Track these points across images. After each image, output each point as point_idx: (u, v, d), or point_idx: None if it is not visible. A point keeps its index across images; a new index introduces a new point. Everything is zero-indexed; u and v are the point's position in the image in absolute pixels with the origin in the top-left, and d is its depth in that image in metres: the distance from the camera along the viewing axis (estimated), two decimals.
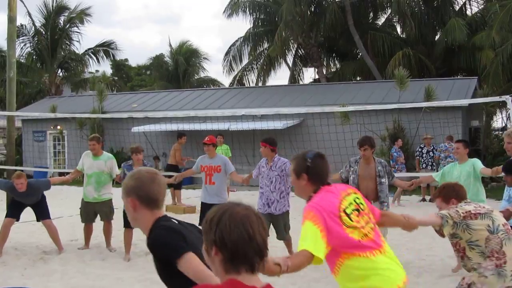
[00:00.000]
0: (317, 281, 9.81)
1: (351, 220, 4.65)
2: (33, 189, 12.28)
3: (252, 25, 45.73)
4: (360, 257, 4.60)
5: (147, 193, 4.11)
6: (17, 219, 12.28)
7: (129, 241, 12.13)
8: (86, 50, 47.80)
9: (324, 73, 44.28)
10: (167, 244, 3.99)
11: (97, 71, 55.84)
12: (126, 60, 69.94)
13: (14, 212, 12.23)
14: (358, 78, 43.37)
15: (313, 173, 4.93)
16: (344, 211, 4.67)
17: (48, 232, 12.29)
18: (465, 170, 9.97)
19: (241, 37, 46.43)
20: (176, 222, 4.25)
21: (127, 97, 35.73)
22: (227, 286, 2.85)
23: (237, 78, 46.60)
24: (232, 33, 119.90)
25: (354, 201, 4.86)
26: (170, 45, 55.04)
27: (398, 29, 43.02)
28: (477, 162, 10.07)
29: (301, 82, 45.98)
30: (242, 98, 31.65)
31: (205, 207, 11.83)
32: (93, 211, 12.90)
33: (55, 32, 44.50)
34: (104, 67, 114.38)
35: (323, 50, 44.57)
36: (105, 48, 48.07)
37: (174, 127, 26.83)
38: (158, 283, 9.56)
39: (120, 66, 67.25)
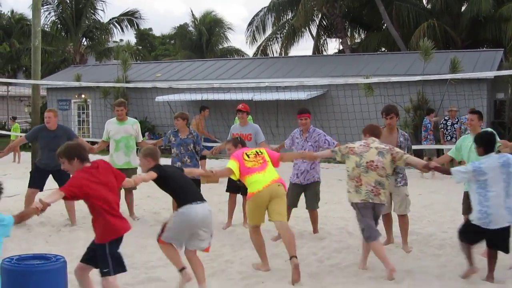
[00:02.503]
0: (339, 252, 9.84)
1: (248, 157, 8.88)
2: (62, 131, 12.32)
3: None
4: (248, 175, 8.74)
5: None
6: (41, 189, 12.22)
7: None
8: (110, 19, 47.91)
9: (349, 44, 44.01)
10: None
11: (121, 40, 56.04)
12: (150, 29, 70.02)
13: (37, 182, 12.22)
14: (382, 49, 43.11)
15: (242, 143, 9.46)
16: (245, 153, 8.94)
17: (65, 203, 11.95)
18: None
19: (265, 7, 46.23)
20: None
21: (151, 67, 35.77)
22: None
23: (260, 48, 46.45)
24: (257, 3, 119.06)
25: (255, 151, 9.07)
26: (193, 15, 54.89)
27: (424, 0, 42.61)
28: None
29: (325, 53, 45.76)
30: (266, 68, 31.59)
31: None
32: None
33: (79, 1, 44.55)
34: (128, 36, 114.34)
35: (347, 20, 44.26)
36: (129, 17, 48.17)
37: (198, 97, 26.84)
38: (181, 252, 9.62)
39: (144, 36, 67.30)
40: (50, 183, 12.14)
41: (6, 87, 48.61)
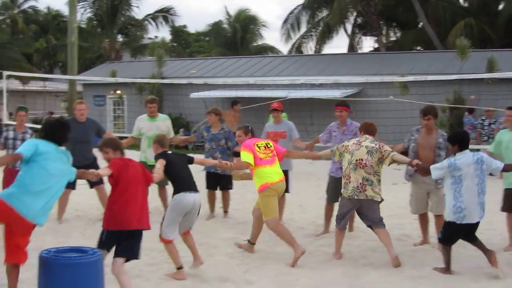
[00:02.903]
0: (374, 250, 9.80)
1: (259, 149, 9.32)
2: (91, 123, 12.42)
3: None
4: (261, 166, 9.22)
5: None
6: (73, 188, 12.25)
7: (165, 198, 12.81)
8: (145, 16, 48.20)
9: (384, 42, 43.81)
10: None
11: (156, 37, 56.29)
12: (185, 26, 70.20)
13: (69, 183, 12.27)
14: (418, 48, 42.84)
15: (252, 132, 9.74)
16: (256, 145, 9.36)
17: (99, 197, 12.11)
18: None
19: (299, 5, 46.19)
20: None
21: (186, 63, 35.89)
22: None
23: (295, 45, 46.41)
24: (292, 0, 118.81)
25: (265, 143, 9.56)
26: (228, 13, 54.99)
27: None
28: None
29: (359, 51, 45.60)
30: (300, 66, 31.54)
31: None
32: None
33: None
34: (163, 33, 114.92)
35: (382, 18, 44.02)
36: (164, 14, 48.44)
37: (232, 93, 26.85)
38: (215, 247, 9.67)
39: (178, 32, 67.52)
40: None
41: (43, 82, 49.10)
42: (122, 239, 7.23)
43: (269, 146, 9.51)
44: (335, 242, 9.53)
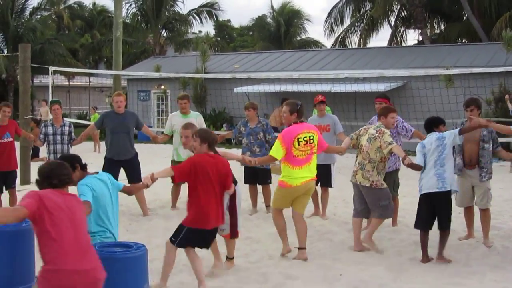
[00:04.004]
0: (417, 245, 9.73)
1: (298, 145, 8.77)
2: (130, 115, 12.62)
3: None
4: (292, 165, 8.81)
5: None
6: None
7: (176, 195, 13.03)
8: (189, 11, 48.45)
9: (428, 34, 43.39)
10: None
11: (200, 31, 56.50)
12: (229, 20, 70.43)
13: None
14: (463, 40, 42.37)
15: (300, 112, 8.98)
16: (297, 139, 8.76)
17: (136, 196, 12.10)
18: None
19: None
20: None
21: (229, 58, 35.97)
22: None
23: (339, 39, 46.23)
24: None
25: (309, 136, 8.88)
26: (272, 7, 54.99)
27: None
28: None
29: (403, 44, 45.26)
30: (344, 60, 31.42)
31: None
32: None
33: None
34: (207, 28, 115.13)
35: (427, 11, 43.58)
36: (208, 9, 48.58)
37: (276, 88, 26.85)
38: (259, 242, 9.69)
39: (222, 27, 67.71)
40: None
41: (87, 78, 49.61)
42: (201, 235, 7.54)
43: (311, 141, 8.95)
44: (354, 233, 9.70)
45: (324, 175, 11.51)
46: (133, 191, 8.27)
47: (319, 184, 11.35)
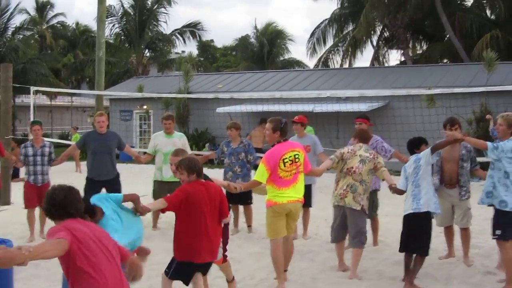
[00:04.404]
0: (399, 264, 9.75)
1: (284, 166, 8.40)
2: (112, 135, 12.59)
3: (339, 6, 45.57)
4: (277, 186, 8.42)
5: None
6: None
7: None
8: (173, 31, 48.50)
9: (410, 55, 43.70)
10: None
11: (183, 51, 56.56)
12: (212, 41, 70.55)
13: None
14: (445, 60, 42.68)
15: (283, 130, 8.58)
16: (283, 160, 8.38)
17: None
18: None
19: (326, 19, 46.29)
20: None
21: (212, 78, 36.00)
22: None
23: (321, 59, 46.45)
24: (320, 14, 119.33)
25: (294, 155, 8.49)
26: (256, 27, 55.22)
27: (487, 10, 42.09)
28: None
29: (386, 64, 45.54)
30: (327, 80, 31.52)
31: None
32: (167, 191, 12.98)
33: (142, 13, 45.23)
34: (190, 48, 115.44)
35: (409, 31, 43.94)
36: (192, 29, 48.71)
37: (259, 108, 26.90)
38: (240, 262, 9.63)
39: (205, 47, 67.85)
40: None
41: (70, 97, 49.50)
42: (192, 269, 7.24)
43: (297, 160, 8.55)
44: (337, 255, 9.64)
45: (305, 196, 11.50)
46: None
47: None
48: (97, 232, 5.16)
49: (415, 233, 8.66)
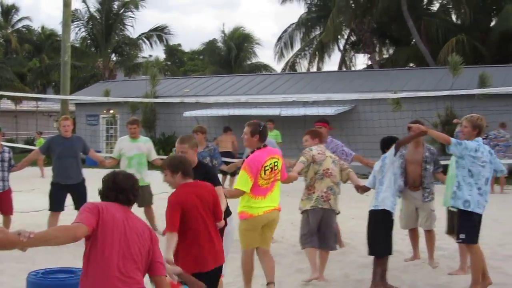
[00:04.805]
0: (365, 266, 9.78)
1: (264, 174, 7.91)
2: (77, 139, 12.47)
3: (306, 10, 45.75)
4: (254, 197, 7.91)
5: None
6: (62, 210, 12.22)
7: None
8: (139, 35, 48.31)
9: (377, 59, 43.97)
10: None
11: (150, 55, 56.36)
12: (179, 45, 70.36)
13: (57, 203, 12.09)
14: (411, 65, 43.01)
15: (262, 135, 8.12)
16: (264, 167, 7.90)
17: None
18: None
19: (293, 23, 46.40)
20: None
21: (179, 82, 35.91)
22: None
23: (289, 64, 46.56)
24: (287, 19, 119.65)
25: (273, 163, 8.04)
26: (223, 31, 55.21)
27: (453, 15, 42.49)
28: None
29: (353, 68, 45.77)
30: (294, 84, 31.58)
31: None
32: None
33: (109, 17, 45.04)
34: (157, 52, 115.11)
35: (376, 36, 44.21)
36: (158, 33, 48.57)
37: (225, 112, 26.90)
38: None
39: (173, 51, 67.68)
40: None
41: (35, 102, 49.09)
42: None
43: (275, 167, 8.14)
44: (310, 263, 9.10)
45: None
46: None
47: None
48: (134, 224, 4.91)
49: (373, 232, 8.69)
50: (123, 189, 4.99)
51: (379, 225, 8.63)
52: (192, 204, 6.39)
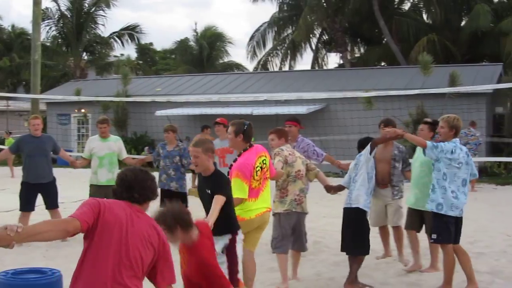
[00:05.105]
0: (337, 265, 9.81)
1: (256, 175, 7.68)
2: (47, 138, 12.41)
3: (277, 9, 45.76)
4: (246, 200, 7.58)
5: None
6: (33, 210, 12.16)
7: None
8: (111, 34, 48.05)
9: (349, 58, 44.12)
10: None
11: (122, 54, 56.10)
12: (151, 44, 70.08)
13: (28, 203, 11.99)
14: (382, 64, 43.22)
15: (247, 134, 7.83)
16: (256, 169, 7.66)
17: (52, 217, 11.87)
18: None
19: (265, 22, 46.41)
20: None
21: (151, 81, 35.84)
22: None
23: (261, 63, 46.57)
24: (260, 18, 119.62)
25: (262, 161, 7.84)
26: (195, 30, 55.08)
27: (424, 15, 42.74)
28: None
29: (325, 67, 45.89)
30: (266, 83, 31.63)
31: None
32: (104, 195, 12.86)
33: (80, 16, 44.71)
34: (129, 51, 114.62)
35: (347, 35, 44.36)
36: (130, 32, 48.32)
37: (197, 111, 26.89)
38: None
39: (144, 50, 67.41)
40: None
41: (6, 101, 48.65)
42: None
43: (264, 165, 7.97)
44: (281, 272, 8.74)
45: None
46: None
47: None
48: (141, 225, 4.59)
49: (347, 230, 8.70)
50: (129, 187, 4.71)
51: (353, 223, 8.63)
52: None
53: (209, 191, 6.88)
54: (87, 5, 45.84)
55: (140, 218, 4.67)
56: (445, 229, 8.28)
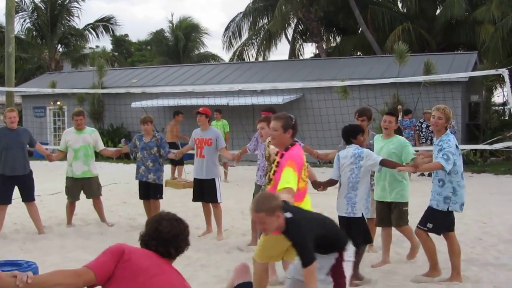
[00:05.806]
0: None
1: (304, 175, 6.96)
2: (23, 131, 12.32)
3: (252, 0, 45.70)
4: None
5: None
6: (10, 203, 12.11)
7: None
8: (85, 26, 47.67)
9: (324, 48, 44.19)
10: None
11: (97, 46, 55.75)
12: (126, 35, 69.83)
13: (4, 197, 11.91)
14: (358, 53, 43.33)
15: (295, 129, 7.03)
16: (304, 167, 6.98)
17: (30, 214, 12.09)
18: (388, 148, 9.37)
19: (241, 13, 46.34)
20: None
21: (127, 73, 35.69)
22: None
23: (237, 53, 46.51)
24: (235, 8, 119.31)
25: (305, 160, 7.07)
26: (171, 21, 54.91)
27: (399, 4, 42.85)
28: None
29: (301, 57, 45.93)
30: (242, 73, 31.62)
31: (195, 182, 11.95)
32: (80, 187, 12.87)
33: (54, 8, 44.33)
34: (104, 43, 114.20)
35: (323, 25, 44.41)
36: (105, 24, 47.96)
37: (172, 102, 26.85)
38: None
39: (120, 42, 67.11)
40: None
41: None
42: None
43: (306, 165, 7.31)
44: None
45: (208, 191, 11.60)
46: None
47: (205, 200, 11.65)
48: (168, 277, 4.30)
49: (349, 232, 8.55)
50: (165, 240, 4.42)
51: (356, 230, 8.25)
52: None
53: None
54: None
55: (168, 274, 4.39)
56: (442, 221, 8.35)
